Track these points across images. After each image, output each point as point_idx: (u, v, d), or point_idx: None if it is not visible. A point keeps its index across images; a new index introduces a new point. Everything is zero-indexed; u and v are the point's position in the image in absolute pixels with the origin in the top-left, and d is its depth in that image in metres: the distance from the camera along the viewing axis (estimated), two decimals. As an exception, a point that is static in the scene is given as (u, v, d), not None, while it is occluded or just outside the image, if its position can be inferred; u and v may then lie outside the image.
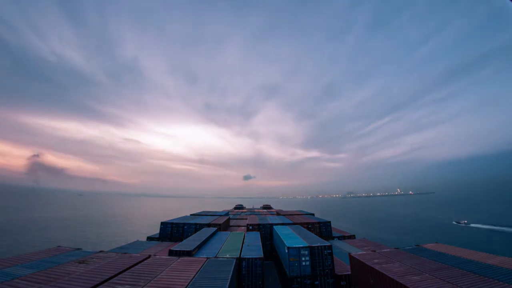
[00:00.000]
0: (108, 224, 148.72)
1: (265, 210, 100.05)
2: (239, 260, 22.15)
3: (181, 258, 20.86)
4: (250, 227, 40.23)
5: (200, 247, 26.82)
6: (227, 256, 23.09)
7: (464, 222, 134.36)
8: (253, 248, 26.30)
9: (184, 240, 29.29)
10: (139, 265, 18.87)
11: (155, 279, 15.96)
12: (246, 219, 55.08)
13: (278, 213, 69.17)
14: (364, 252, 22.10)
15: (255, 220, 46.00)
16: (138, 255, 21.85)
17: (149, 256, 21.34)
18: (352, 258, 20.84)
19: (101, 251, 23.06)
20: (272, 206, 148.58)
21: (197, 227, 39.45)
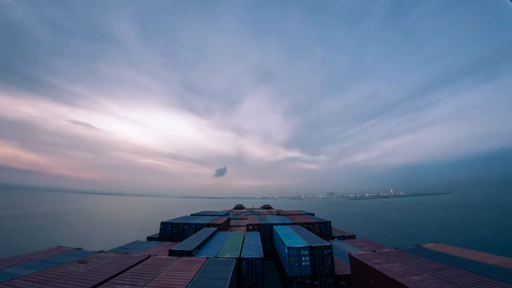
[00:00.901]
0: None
1: (265, 210, 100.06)
2: (239, 260, 22.15)
3: (181, 258, 20.85)
4: (250, 227, 40.23)
5: (200, 247, 26.82)
6: (227, 256, 23.09)
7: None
8: (253, 248, 26.29)
9: (184, 240, 29.29)
10: (139, 265, 18.87)
11: (155, 279, 15.96)
12: (246, 219, 55.11)
13: (278, 213, 69.18)
14: (364, 252, 22.10)
15: (255, 220, 46.01)
16: (138, 255, 21.85)
17: (149, 256, 21.34)
18: (352, 258, 20.84)
19: (101, 251, 23.06)
20: (271, 206, 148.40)
21: (197, 227, 39.46)
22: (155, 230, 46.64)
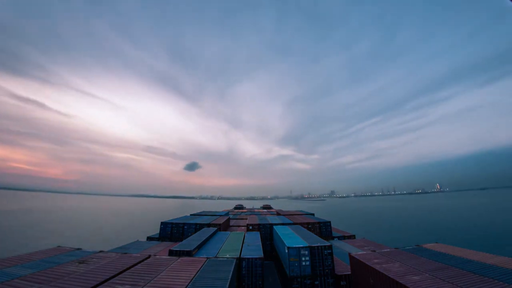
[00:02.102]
0: None
1: (265, 210, 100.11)
2: (239, 260, 22.15)
3: (181, 258, 20.86)
4: (250, 227, 40.23)
5: (200, 247, 26.83)
6: (227, 256, 23.09)
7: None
8: (253, 248, 26.29)
9: (184, 240, 29.29)
10: (139, 265, 18.87)
11: (155, 279, 15.96)
12: (246, 219, 55.12)
13: (278, 213, 69.19)
14: (364, 252, 22.10)
15: (255, 220, 46.02)
16: (138, 255, 21.85)
17: (149, 256, 21.34)
18: (352, 258, 20.84)
19: (101, 251, 23.06)
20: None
21: (197, 227, 39.46)
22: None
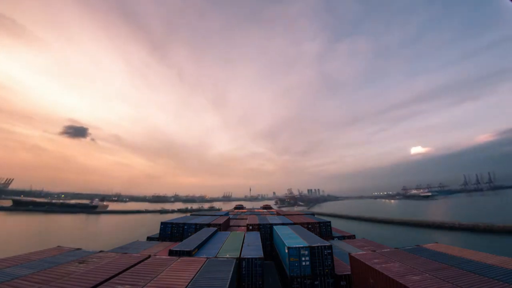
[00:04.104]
0: None
1: (265, 210, 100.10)
2: (239, 260, 22.15)
3: (181, 258, 20.86)
4: (250, 227, 40.23)
5: (200, 247, 26.83)
6: (227, 256, 23.09)
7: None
8: (253, 248, 26.30)
9: (184, 240, 29.30)
10: (139, 265, 18.87)
11: (155, 279, 15.96)
12: (246, 219, 55.06)
13: (278, 213, 69.21)
14: (364, 252, 22.11)
15: (255, 220, 46.01)
16: (138, 255, 21.85)
17: (149, 256, 21.34)
18: (352, 258, 20.84)
19: (101, 251, 23.06)
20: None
21: (197, 227, 39.44)
22: None
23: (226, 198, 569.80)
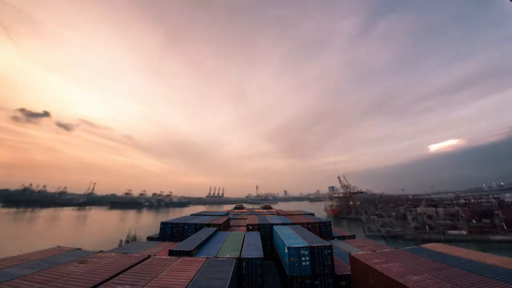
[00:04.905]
0: None
1: (265, 210, 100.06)
2: (239, 260, 22.15)
3: (181, 258, 20.86)
4: (250, 227, 40.21)
5: (200, 247, 26.82)
6: (227, 256, 23.09)
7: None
8: (253, 248, 26.30)
9: (184, 240, 29.29)
10: (139, 265, 18.87)
11: (155, 279, 15.96)
12: (246, 219, 55.05)
13: (278, 213, 69.18)
14: (364, 252, 22.10)
15: (255, 220, 46.01)
16: (138, 255, 21.85)
17: (149, 256, 21.34)
18: (352, 258, 20.84)
19: (101, 251, 23.06)
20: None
21: (197, 227, 39.42)
22: None
23: (215, 199, 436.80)
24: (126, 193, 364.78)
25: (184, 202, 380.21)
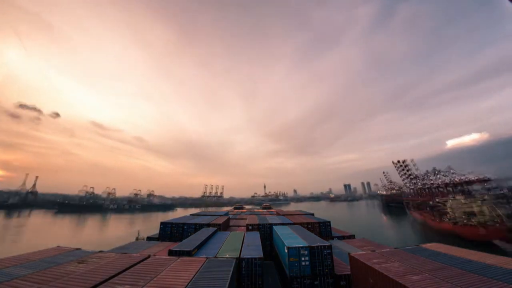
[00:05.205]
0: None
1: (265, 210, 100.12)
2: (239, 260, 22.14)
3: (180, 258, 20.85)
4: (250, 227, 40.21)
5: (199, 247, 26.82)
6: (227, 256, 23.09)
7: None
8: (253, 248, 26.29)
9: (184, 240, 29.28)
10: (138, 265, 18.85)
11: (155, 279, 15.95)
12: (246, 219, 55.06)
13: (278, 213, 69.17)
14: (364, 252, 22.10)
15: (255, 220, 46.01)
16: (138, 255, 21.84)
17: (149, 256, 21.33)
18: (351, 258, 20.85)
19: (101, 251, 23.04)
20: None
21: (197, 227, 39.43)
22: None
23: (215, 201, 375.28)
24: (88, 192, 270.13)
25: (169, 205, 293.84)
